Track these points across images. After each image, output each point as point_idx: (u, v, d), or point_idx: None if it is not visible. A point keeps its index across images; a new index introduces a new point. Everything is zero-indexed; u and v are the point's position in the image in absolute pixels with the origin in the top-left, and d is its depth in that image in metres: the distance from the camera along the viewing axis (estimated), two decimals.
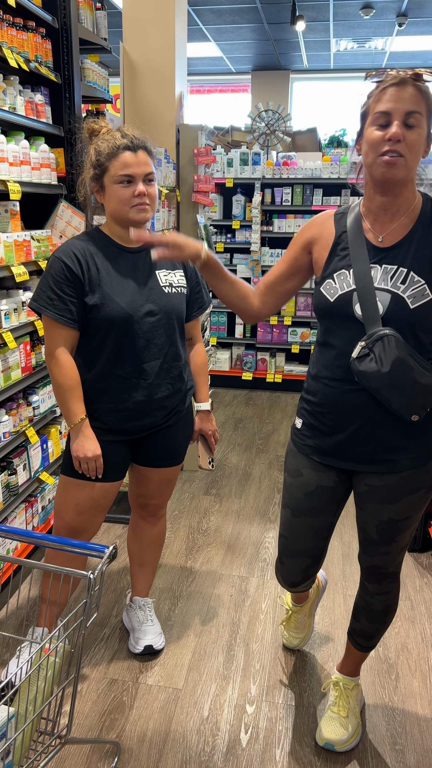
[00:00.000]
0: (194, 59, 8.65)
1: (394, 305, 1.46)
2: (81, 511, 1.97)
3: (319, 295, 1.56)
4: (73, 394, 1.86)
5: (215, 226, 5.49)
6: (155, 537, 2.25)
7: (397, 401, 1.48)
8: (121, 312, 1.84)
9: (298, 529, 1.75)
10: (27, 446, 2.62)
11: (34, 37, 2.62)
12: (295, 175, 5.18)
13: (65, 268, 1.81)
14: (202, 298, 2.11)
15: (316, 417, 1.63)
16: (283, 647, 2.30)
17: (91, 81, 3.16)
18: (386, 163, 1.40)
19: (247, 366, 5.54)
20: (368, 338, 1.47)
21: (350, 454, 1.61)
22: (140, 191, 1.81)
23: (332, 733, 1.85)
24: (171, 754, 1.85)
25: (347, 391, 1.55)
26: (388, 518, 1.63)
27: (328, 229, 1.59)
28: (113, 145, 1.82)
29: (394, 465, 1.57)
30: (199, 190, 3.65)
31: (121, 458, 2.00)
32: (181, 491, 3.55)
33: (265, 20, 6.86)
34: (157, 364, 1.92)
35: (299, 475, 1.70)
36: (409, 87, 1.39)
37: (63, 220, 2.88)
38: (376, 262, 1.50)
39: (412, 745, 1.90)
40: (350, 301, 1.50)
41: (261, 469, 3.89)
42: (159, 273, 1.94)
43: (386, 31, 7.20)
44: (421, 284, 1.46)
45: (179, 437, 2.08)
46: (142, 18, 3.53)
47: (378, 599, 1.79)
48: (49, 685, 1.46)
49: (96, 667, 2.18)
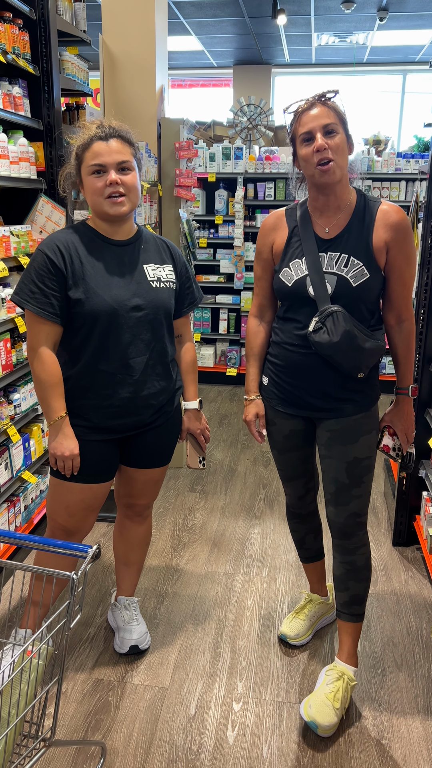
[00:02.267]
0: (175, 53, 8.59)
1: (340, 285, 1.77)
2: (72, 512, 1.95)
3: (278, 280, 1.88)
4: (54, 390, 1.82)
5: (198, 221, 5.46)
6: (141, 536, 2.22)
7: (347, 363, 1.80)
8: (106, 306, 1.80)
9: (287, 463, 2.09)
10: (8, 445, 2.59)
11: (11, 29, 2.58)
12: (277, 169, 5.17)
13: (48, 261, 1.77)
14: (193, 294, 2.07)
15: (279, 376, 1.96)
16: (278, 641, 2.29)
17: (70, 74, 3.11)
18: (322, 171, 1.72)
19: (231, 362, 5.53)
20: (320, 314, 1.77)
21: (306, 405, 1.93)
22: (111, 180, 1.76)
23: (321, 716, 1.86)
24: (158, 754, 1.83)
25: (304, 355, 1.86)
26: (353, 458, 1.90)
27: (282, 227, 1.90)
28: (87, 135, 1.79)
29: (343, 412, 1.89)
30: (182, 185, 3.62)
31: (110, 459, 1.97)
32: (166, 488, 3.53)
33: (246, 14, 6.82)
34: (143, 360, 1.89)
35: (273, 424, 2.04)
36: (318, 107, 1.72)
37: (43, 215, 2.84)
38: (323, 250, 1.80)
39: (398, 738, 1.91)
40: (304, 285, 1.81)
41: (246, 465, 3.88)
42: (147, 267, 1.90)
43: (367, 25, 7.20)
44: (360, 266, 1.77)
45: (167, 438, 2.05)
46: (121, 10, 3.49)
47: (359, 553, 1.98)
48: (33, 688, 1.43)
49: (81, 667, 2.16)
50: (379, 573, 2.75)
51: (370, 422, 1.92)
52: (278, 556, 2.87)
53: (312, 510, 2.22)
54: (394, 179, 5.13)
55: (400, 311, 1.86)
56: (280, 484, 3.61)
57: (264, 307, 2.04)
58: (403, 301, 1.85)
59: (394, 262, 1.79)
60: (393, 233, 1.77)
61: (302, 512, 2.21)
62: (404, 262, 1.79)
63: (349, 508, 1.93)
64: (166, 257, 1.97)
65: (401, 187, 5.10)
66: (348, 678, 1.97)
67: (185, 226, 3.67)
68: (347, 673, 1.98)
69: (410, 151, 5.38)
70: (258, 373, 2.06)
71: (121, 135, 1.81)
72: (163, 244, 1.99)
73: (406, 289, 1.83)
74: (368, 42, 7.89)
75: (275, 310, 2.04)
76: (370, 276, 1.77)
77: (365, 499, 1.95)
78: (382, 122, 9.05)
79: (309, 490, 2.16)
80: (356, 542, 1.97)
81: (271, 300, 2.03)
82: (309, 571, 2.34)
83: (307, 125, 1.72)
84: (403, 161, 5.07)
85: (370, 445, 1.92)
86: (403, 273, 1.80)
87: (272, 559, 2.84)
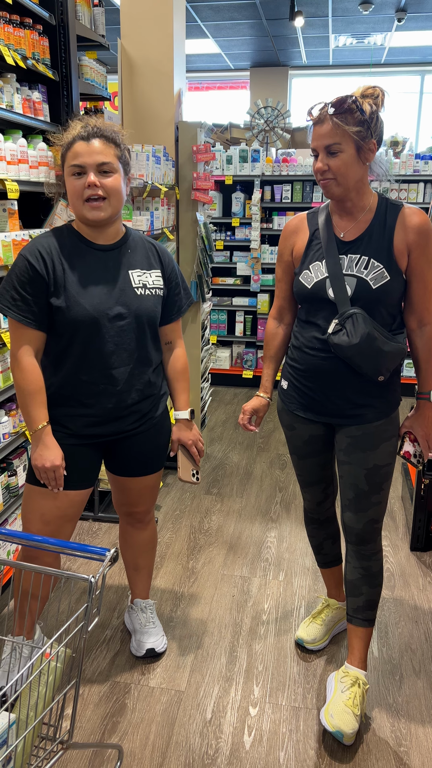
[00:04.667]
0: (192, 56, 8.61)
1: (359, 287, 1.77)
2: (47, 521, 1.87)
3: (298, 283, 1.88)
4: (35, 399, 1.76)
5: (215, 224, 5.46)
6: (146, 542, 2.21)
7: (367, 366, 1.78)
8: (87, 315, 1.74)
9: (306, 469, 2.08)
10: (27, 447, 2.60)
11: (31, 34, 2.60)
12: (294, 171, 5.15)
13: (29, 267, 1.72)
14: (181, 301, 1.98)
15: (299, 380, 1.95)
16: (295, 646, 2.28)
17: (89, 78, 3.13)
18: (323, 186, 1.77)
19: (247, 364, 5.52)
20: (340, 316, 1.77)
21: (326, 410, 1.92)
22: (90, 182, 1.68)
23: (345, 725, 1.85)
24: (174, 758, 1.83)
25: (324, 359, 1.86)
26: (373, 464, 1.88)
27: (304, 230, 1.91)
28: (71, 135, 1.74)
29: (363, 418, 1.88)
30: (199, 188, 3.62)
31: (88, 465, 1.91)
32: (182, 491, 3.54)
33: (263, 16, 6.82)
34: (126, 371, 1.83)
35: (293, 428, 2.03)
36: (325, 122, 1.70)
37: (61, 219, 2.86)
38: (343, 253, 1.81)
39: (417, 746, 1.89)
40: (324, 287, 1.81)
41: (262, 468, 3.87)
42: (132, 273, 1.83)
43: (385, 26, 7.16)
44: (380, 268, 1.76)
45: (152, 445, 1.99)
46: (140, 14, 3.50)
47: (375, 559, 1.97)
48: (51, 690, 1.44)
49: (98, 669, 2.16)
50: (396, 578, 2.72)
51: (391, 428, 1.90)
52: (295, 559, 2.86)
53: (330, 515, 2.21)
54: (413, 181, 5.10)
55: (421, 315, 1.85)
56: (296, 488, 3.59)
57: (284, 310, 2.04)
58: (424, 305, 1.83)
59: (416, 265, 1.78)
60: (414, 236, 1.77)
61: (320, 518, 2.20)
62: (426, 265, 1.79)
63: (368, 515, 1.92)
64: (154, 262, 1.91)
65: (419, 188, 5.06)
66: (362, 682, 1.96)
67: (202, 229, 3.67)
68: (361, 677, 1.96)
69: (429, 152, 5.34)
70: (272, 375, 2.07)
71: (104, 135, 1.72)
72: (152, 248, 1.93)
73: (427, 292, 1.81)
74: (386, 43, 7.84)
75: (295, 313, 2.04)
76: (391, 278, 1.76)
77: (383, 506, 1.94)
78: (400, 123, 8.99)
79: (328, 496, 2.15)
80: (372, 548, 1.96)
81: (291, 302, 2.02)
82: (326, 576, 2.33)
83: (313, 142, 1.74)
84: (422, 162, 5.04)
85: (390, 451, 1.91)
86: (424, 276, 1.79)
87: (289, 563, 2.83)
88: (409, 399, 2.02)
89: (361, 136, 1.70)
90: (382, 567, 2.00)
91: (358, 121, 1.69)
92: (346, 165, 1.72)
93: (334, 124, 1.69)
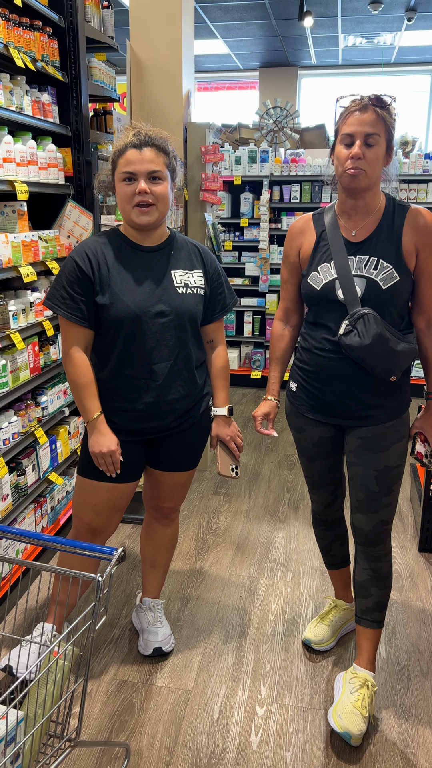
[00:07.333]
0: (201, 56, 8.62)
1: (369, 288, 1.76)
2: (98, 511, 1.98)
3: (306, 285, 1.86)
4: (87, 391, 1.86)
5: (223, 224, 5.47)
6: (168, 539, 2.24)
7: (378, 366, 1.78)
8: (129, 312, 1.82)
9: (316, 471, 2.07)
10: (36, 447, 2.62)
11: (40, 37, 2.62)
12: (303, 172, 5.15)
13: (76, 267, 1.82)
14: (225, 300, 2.04)
15: (309, 382, 1.93)
16: (302, 647, 2.28)
17: (98, 80, 3.14)
18: (350, 175, 1.71)
19: (256, 365, 5.52)
20: (351, 317, 1.76)
21: (336, 412, 1.91)
22: (141, 189, 1.77)
23: (353, 726, 1.85)
24: (181, 757, 1.84)
25: (334, 360, 1.84)
26: (384, 466, 1.87)
27: (310, 231, 1.89)
28: (123, 142, 1.81)
29: (373, 419, 1.87)
30: (207, 189, 3.63)
31: (135, 459, 1.99)
32: (191, 491, 3.54)
33: (272, 16, 6.82)
34: (167, 366, 1.90)
35: (302, 431, 2.01)
36: (369, 111, 1.68)
37: (71, 220, 2.87)
38: (351, 254, 1.79)
39: (424, 747, 1.88)
40: (333, 288, 1.80)
41: (270, 469, 3.87)
42: (174, 273, 1.91)
43: (395, 25, 7.14)
44: (390, 269, 1.76)
45: (192, 443, 2.05)
46: (149, 16, 3.51)
47: (384, 560, 1.97)
48: (58, 688, 1.45)
49: (105, 668, 2.17)
50: (404, 579, 2.72)
51: (402, 429, 1.90)
52: (302, 560, 2.86)
53: (339, 517, 2.21)
54: (422, 181, 5.08)
55: (429, 315, 1.85)
56: (304, 488, 3.59)
57: (290, 311, 2.04)
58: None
59: (424, 265, 1.78)
60: (423, 236, 1.77)
61: (329, 519, 2.20)
62: None
63: (378, 516, 1.92)
64: (196, 262, 1.97)
65: (429, 188, 5.04)
66: (371, 684, 1.95)
67: (211, 229, 3.68)
68: (369, 679, 1.96)
69: None
70: (279, 377, 2.07)
71: (155, 144, 1.81)
72: (195, 249, 2.00)
73: None
74: (396, 42, 7.82)
75: (301, 314, 2.04)
76: (400, 279, 1.76)
77: (393, 507, 1.94)
78: (410, 123, 8.96)
79: (336, 498, 2.15)
80: (382, 549, 1.96)
81: (297, 304, 2.02)
82: (334, 577, 2.33)
83: (351, 127, 1.69)
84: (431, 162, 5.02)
85: (400, 452, 1.90)
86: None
87: (296, 564, 2.83)
88: (417, 399, 2.00)
89: (390, 136, 1.73)
90: (391, 568, 1.99)
91: (390, 122, 1.72)
92: (377, 160, 1.71)
93: (378, 115, 1.68)
